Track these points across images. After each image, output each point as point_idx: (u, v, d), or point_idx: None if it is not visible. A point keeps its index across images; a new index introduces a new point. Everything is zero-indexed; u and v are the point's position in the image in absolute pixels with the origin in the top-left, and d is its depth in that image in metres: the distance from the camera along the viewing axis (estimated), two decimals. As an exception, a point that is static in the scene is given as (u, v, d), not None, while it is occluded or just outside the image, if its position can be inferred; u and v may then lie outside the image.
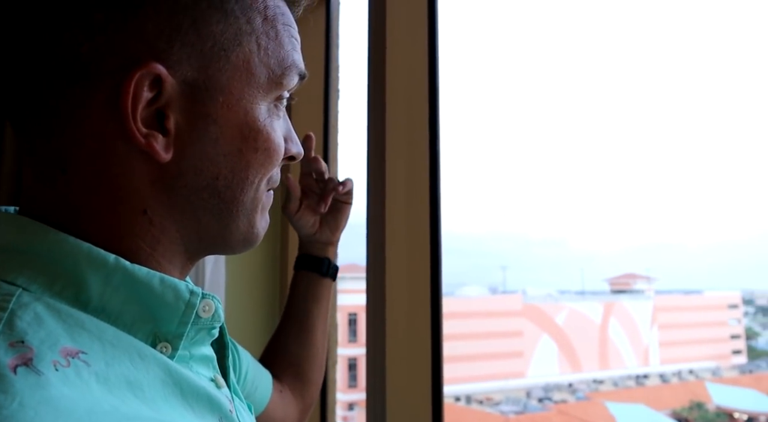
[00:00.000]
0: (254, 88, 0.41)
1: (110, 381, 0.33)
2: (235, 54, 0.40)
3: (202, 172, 0.40)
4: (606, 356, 34.16)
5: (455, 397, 28.00)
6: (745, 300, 40.04)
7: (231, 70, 0.40)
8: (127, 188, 0.39)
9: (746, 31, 77.22)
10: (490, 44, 79.04)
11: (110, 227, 0.39)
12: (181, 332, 0.40)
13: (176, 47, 0.38)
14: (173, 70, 0.38)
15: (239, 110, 0.41)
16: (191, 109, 0.39)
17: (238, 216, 0.43)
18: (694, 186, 76.33)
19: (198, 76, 0.39)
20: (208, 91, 0.39)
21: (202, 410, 0.39)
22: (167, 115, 0.39)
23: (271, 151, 0.43)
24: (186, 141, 0.39)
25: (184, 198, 0.40)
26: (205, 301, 0.41)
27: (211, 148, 0.40)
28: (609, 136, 73.58)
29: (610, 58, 74.98)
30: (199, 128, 0.39)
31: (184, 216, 0.41)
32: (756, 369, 33.26)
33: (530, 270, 74.08)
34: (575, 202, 72.75)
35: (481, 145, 79.19)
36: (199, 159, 0.40)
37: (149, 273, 0.38)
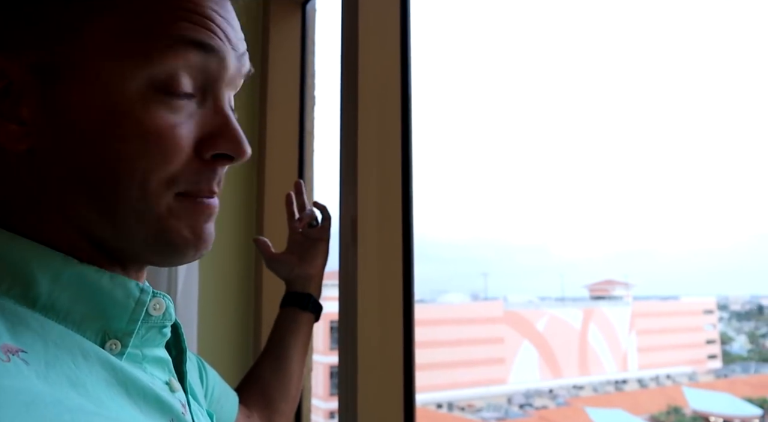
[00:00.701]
0: (114, 65, 0.37)
1: (50, 380, 0.33)
2: (87, 33, 0.37)
3: (66, 162, 0.37)
4: (586, 362, 34.49)
5: (437, 404, 27.96)
6: (720, 306, 40.81)
7: (80, 47, 0.37)
8: (13, 186, 0.38)
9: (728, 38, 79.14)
10: (468, 51, 79.76)
11: (32, 226, 0.38)
12: (131, 329, 0.39)
13: (17, 33, 0.36)
14: (16, 55, 0.36)
15: (95, 91, 0.37)
16: (44, 94, 0.37)
17: (127, 218, 0.38)
18: (672, 194, 77.71)
19: (44, 58, 0.36)
20: (58, 72, 0.37)
21: (150, 410, 0.38)
22: (20, 104, 0.37)
23: (147, 142, 0.37)
24: (42, 129, 0.37)
25: (61, 191, 0.38)
26: (155, 299, 0.40)
27: (70, 135, 0.37)
28: (589, 145, 74.66)
29: (590, 67, 76.19)
30: (53, 114, 0.37)
31: (71, 213, 0.38)
32: (731, 374, 33.88)
33: (511, 276, 74.55)
34: (555, 210, 73.55)
35: (463, 152, 79.64)
36: (60, 148, 0.37)
37: (98, 271, 0.38)
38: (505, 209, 78.86)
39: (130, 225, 0.39)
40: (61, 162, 0.37)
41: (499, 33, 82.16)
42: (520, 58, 77.24)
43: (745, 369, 33.99)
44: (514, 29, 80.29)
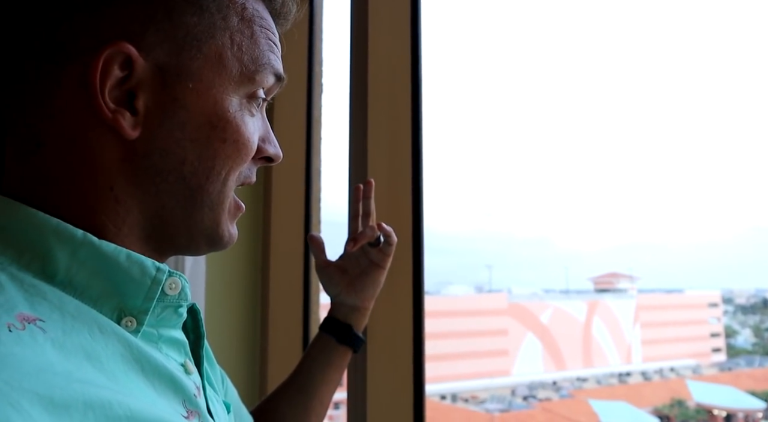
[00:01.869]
0: (225, 80, 0.43)
1: (66, 349, 0.33)
2: (207, 45, 0.42)
3: (169, 155, 0.41)
4: (589, 354, 34.49)
5: (441, 395, 28.06)
6: (725, 299, 40.67)
7: (203, 59, 0.42)
8: (95, 164, 0.40)
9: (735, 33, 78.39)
10: (477, 43, 79.25)
11: (79, 202, 0.40)
12: (147, 307, 0.40)
13: (150, 32, 0.40)
14: (145, 53, 0.40)
15: (208, 98, 0.42)
16: (161, 92, 0.41)
17: (203, 207, 0.43)
18: (677, 187, 77.30)
19: (169, 61, 0.41)
20: (179, 77, 0.41)
21: (164, 389, 0.39)
22: (137, 95, 0.40)
23: (239, 144, 0.43)
24: (154, 122, 0.40)
25: (150, 178, 0.41)
26: (171, 279, 0.42)
27: (179, 132, 0.41)
28: (594, 138, 74.24)
29: (594, 59, 75.58)
30: (167, 111, 0.41)
31: (148, 198, 0.41)
32: (735, 367, 33.82)
33: (516, 269, 74.52)
34: (560, 202, 73.30)
35: (469, 145, 79.37)
36: (166, 141, 0.41)
37: (116, 249, 0.39)
38: (509, 202, 78.66)
39: (202, 217, 0.44)
40: (164, 154, 0.41)
41: (507, 27, 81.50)
42: (527, 52, 76.71)
43: (749, 363, 33.92)
44: (522, 23, 79.64)
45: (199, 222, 0.44)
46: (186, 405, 0.41)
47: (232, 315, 1.38)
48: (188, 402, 0.41)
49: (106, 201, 0.40)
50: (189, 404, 0.41)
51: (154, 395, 0.38)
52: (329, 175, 1.42)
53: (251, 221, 1.41)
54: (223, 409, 0.51)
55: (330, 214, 1.42)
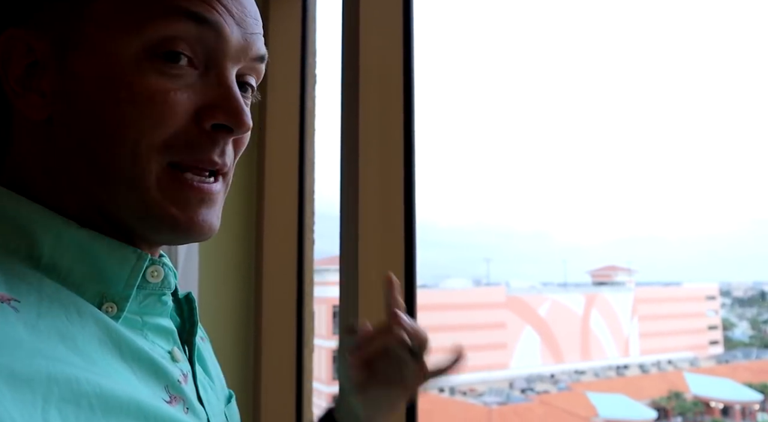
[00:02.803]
0: (114, 35, 0.39)
1: (39, 330, 0.33)
2: (96, 6, 0.40)
3: (72, 131, 0.40)
4: (587, 347, 34.60)
5: (439, 388, 28.16)
6: (722, 292, 40.76)
7: (93, 18, 0.40)
8: (30, 153, 0.41)
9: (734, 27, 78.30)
10: (476, 36, 79.03)
11: (43, 192, 0.41)
12: (127, 294, 0.40)
13: (43, 10, 0.40)
14: (44, 33, 0.40)
15: (97, 61, 0.39)
16: (60, 66, 0.40)
17: (122, 184, 0.40)
18: (675, 180, 77.43)
19: (64, 33, 0.40)
20: (73, 47, 0.40)
21: (143, 374, 0.39)
22: (42, 76, 0.40)
23: (141, 103, 0.39)
24: (58, 99, 0.40)
25: (65, 160, 0.40)
26: (154, 266, 0.42)
27: (78, 104, 0.40)
28: (591, 130, 74.23)
29: (591, 53, 75.45)
30: (66, 85, 0.40)
31: (72, 181, 0.41)
32: (732, 359, 33.97)
33: (513, 262, 74.69)
34: (558, 195, 73.39)
35: (467, 139, 79.30)
36: (69, 118, 0.40)
37: (97, 236, 0.40)
38: (507, 195, 78.76)
39: (122, 194, 0.40)
40: (70, 129, 0.40)
41: (508, 19, 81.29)
42: (525, 46, 76.52)
43: (746, 355, 34.06)
44: (523, 15, 79.46)
45: (127, 203, 0.40)
46: (169, 391, 0.40)
47: (225, 306, 1.38)
48: (171, 387, 0.40)
49: (57, 189, 0.41)
50: (172, 389, 0.40)
51: (134, 379, 0.38)
52: (323, 166, 1.41)
53: (244, 213, 1.40)
54: (219, 399, 0.49)
55: (324, 207, 1.41)
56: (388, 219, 1.00)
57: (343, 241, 1.03)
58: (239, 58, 0.43)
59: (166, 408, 0.38)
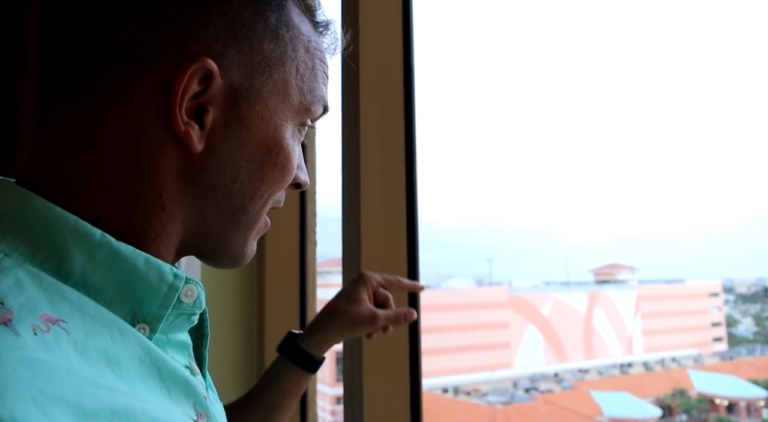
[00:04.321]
0: (287, 107, 0.45)
1: (89, 352, 0.33)
2: (278, 72, 0.44)
3: (224, 171, 0.43)
4: (591, 345, 34.52)
5: (442, 389, 28.08)
6: (726, 289, 40.65)
7: (271, 85, 0.44)
8: (152, 169, 0.41)
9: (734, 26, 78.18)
10: (476, 35, 78.99)
11: (122, 204, 0.40)
12: (162, 315, 0.40)
13: (230, 52, 0.42)
14: (223, 71, 0.42)
15: (270, 123, 0.44)
16: (229, 110, 0.42)
17: (239, 225, 0.45)
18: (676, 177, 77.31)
19: (243, 82, 0.43)
20: (248, 99, 0.43)
21: (177, 394, 0.39)
22: (207, 111, 0.42)
23: (286, 170, 0.46)
24: (217, 138, 0.42)
25: (201, 191, 0.43)
26: (188, 286, 0.42)
27: (238, 151, 0.43)
28: (592, 127, 74.17)
29: (591, 52, 75.36)
30: (231, 130, 0.42)
31: (194, 209, 0.43)
32: (736, 356, 33.87)
33: (516, 261, 74.61)
34: (559, 193, 73.31)
35: (469, 138, 79.27)
36: (224, 158, 0.43)
37: (135, 252, 0.39)
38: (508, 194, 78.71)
39: (236, 234, 0.46)
40: (220, 170, 0.43)
41: (509, 18, 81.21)
42: (527, 44, 76.46)
43: (750, 352, 33.96)
44: (524, 15, 79.40)
45: (231, 239, 0.46)
46: (196, 408, 0.41)
47: (228, 309, 1.38)
48: (198, 405, 0.41)
49: (152, 207, 0.41)
50: (199, 407, 0.41)
51: (168, 400, 0.38)
52: (325, 169, 1.41)
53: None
54: (222, 408, 0.51)
55: (325, 209, 1.41)
56: (390, 220, 1.01)
57: (346, 243, 1.03)
58: None
59: None
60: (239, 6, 0.42)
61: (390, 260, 1.00)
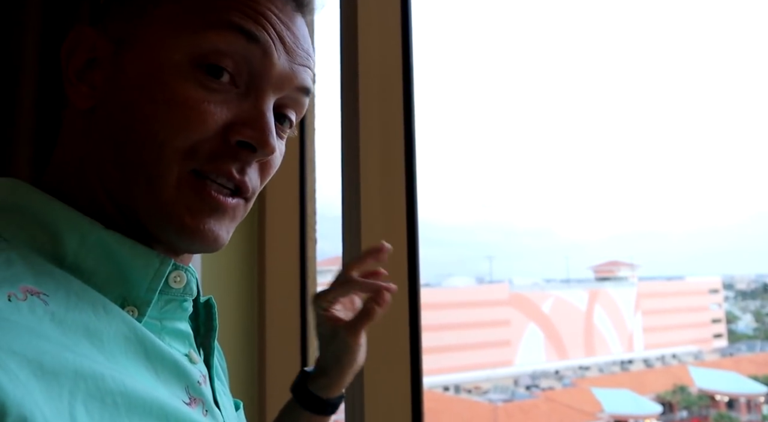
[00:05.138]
0: (167, 39, 0.41)
1: (66, 324, 0.34)
2: (160, 8, 0.42)
3: (108, 123, 0.41)
4: (591, 343, 34.62)
5: (444, 387, 28.17)
6: (726, 285, 40.75)
7: (153, 23, 0.41)
8: (70, 147, 0.43)
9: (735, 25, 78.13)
10: (476, 33, 79.00)
11: (73, 191, 0.42)
12: (149, 298, 0.40)
13: (112, 14, 0.43)
14: (105, 30, 0.43)
15: (144, 60, 0.41)
16: (114, 63, 0.42)
17: (142, 179, 0.40)
18: (676, 174, 77.31)
19: (125, 35, 0.42)
20: (129, 48, 0.42)
21: (167, 375, 0.39)
22: (95, 70, 0.42)
23: (175, 107, 0.39)
24: (104, 92, 0.42)
25: (97, 150, 0.42)
26: (177, 272, 0.42)
27: (119, 98, 0.41)
28: (592, 127, 74.23)
29: (592, 50, 75.39)
30: (113, 80, 0.41)
31: (99, 172, 0.41)
32: (736, 352, 33.96)
33: (516, 259, 74.64)
34: (559, 191, 73.35)
35: (469, 137, 79.35)
36: (108, 109, 0.41)
37: (122, 238, 0.40)
38: (509, 192, 78.75)
39: (141, 188, 0.40)
40: (107, 121, 0.41)
41: (510, 16, 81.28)
42: (527, 42, 76.48)
43: (750, 348, 34.06)
44: (526, 13, 79.40)
45: (144, 198, 0.40)
46: (189, 392, 0.41)
47: (229, 308, 1.38)
48: (191, 388, 0.41)
49: (86, 187, 0.42)
50: (192, 391, 0.41)
51: (155, 379, 0.38)
52: (324, 167, 1.41)
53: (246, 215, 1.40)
54: (231, 404, 0.50)
55: (324, 208, 1.41)
56: (390, 218, 1.00)
57: (346, 241, 1.03)
58: (281, 86, 0.43)
59: (187, 410, 0.39)
60: None
61: (390, 259, 0.99)
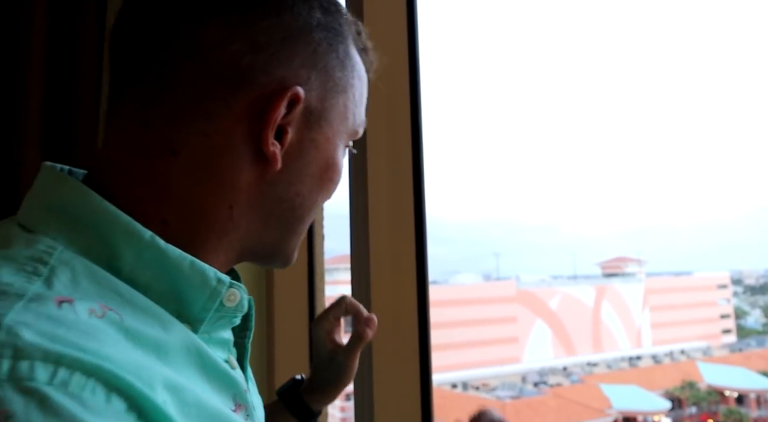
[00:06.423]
0: (344, 129, 0.49)
1: (138, 338, 0.35)
2: (342, 98, 0.48)
3: (291, 186, 0.46)
4: (599, 339, 34.50)
5: (452, 384, 28.16)
6: (734, 280, 40.49)
7: (337, 109, 0.48)
8: (228, 183, 0.43)
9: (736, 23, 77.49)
10: (483, 31, 78.74)
11: (192, 211, 0.43)
12: (203, 317, 0.42)
13: (311, 79, 0.46)
14: (305, 96, 0.45)
15: (332, 144, 0.48)
16: (303, 131, 0.46)
17: (294, 234, 0.49)
18: (682, 168, 76.85)
19: (317, 106, 0.46)
20: (319, 121, 0.46)
21: (218, 385, 0.41)
22: (286, 131, 0.44)
23: (335, 183, 0.50)
24: (291, 157, 0.45)
25: (268, 204, 0.45)
26: (231, 290, 0.43)
27: (305, 168, 0.46)
28: (598, 123, 73.89)
29: (598, 48, 75.01)
30: (303, 149, 0.46)
31: (259, 220, 0.46)
32: (745, 348, 33.75)
33: (523, 256, 74.50)
34: (565, 188, 73.10)
35: (476, 134, 79.21)
36: (293, 174, 0.46)
37: (181, 255, 0.40)
38: (516, 189, 78.58)
39: (290, 242, 0.49)
40: (288, 185, 0.46)
41: (512, 13, 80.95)
42: (533, 40, 76.18)
43: (759, 343, 33.83)
44: (528, 10, 79.07)
45: (287, 246, 0.49)
46: (236, 400, 0.43)
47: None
48: (239, 396, 0.43)
49: (220, 217, 0.43)
50: (239, 398, 0.43)
51: (210, 389, 0.40)
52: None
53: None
54: (260, 402, 0.52)
55: (332, 206, 1.41)
56: (398, 216, 1.01)
57: (354, 239, 1.04)
58: None
59: (236, 418, 0.42)
60: (319, 38, 0.46)
61: (398, 256, 1.00)
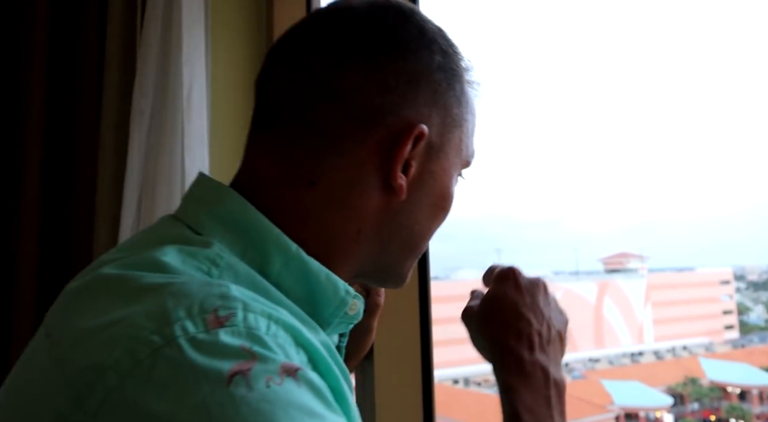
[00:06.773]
0: (458, 161, 0.53)
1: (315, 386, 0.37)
2: (457, 132, 0.52)
3: (412, 214, 0.51)
4: (601, 335, 34.51)
5: (453, 380, 28.20)
6: (737, 276, 40.45)
7: (453, 143, 0.52)
8: (358, 210, 0.49)
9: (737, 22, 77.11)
10: (485, 28, 78.42)
11: (326, 234, 0.48)
12: (331, 321, 0.47)
13: (432, 116, 0.50)
14: (429, 128, 0.50)
15: (447, 175, 0.52)
16: (424, 164, 0.50)
17: (411, 258, 0.53)
18: (684, 163, 76.63)
19: (437, 140, 0.51)
20: (438, 154, 0.51)
21: (347, 381, 0.44)
22: (410, 165, 0.49)
23: (447, 213, 0.54)
24: (414, 187, 0.50)
25: (390, 230, 0.50)
26: (354, 301, 0.48)
27: (425, 198, 0.51)
28: (600, 118, 73.69)
29: (598, 45, 74.70)
30: (424, 180, 0.50)
31: (382, 245, 0.50)
32: (748, 344, 33.73)
33: (524, 252, 74.49)
34: (567, 184, 72.97)
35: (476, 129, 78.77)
36: (414, 204, 0.50)
37: (320, 267, 0.46)
38: (517, 185, 78.46)
39: (407, 264, 0.54)
40: (410, 213, 0.51)
41: (513, 10, 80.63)
42: (535, 36, 75.92)
43: (762, 339, 33.81)
44: (529, 7, 78.80)
45: (404, 268, 0.54)
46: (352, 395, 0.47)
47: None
48: (352, 392, 0.46)
49: (348, 240, 0.49)
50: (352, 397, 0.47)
51: (344, 382, 0.43)
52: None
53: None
54: None
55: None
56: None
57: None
58: None
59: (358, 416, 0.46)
60: (439, 79, 0.51)
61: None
